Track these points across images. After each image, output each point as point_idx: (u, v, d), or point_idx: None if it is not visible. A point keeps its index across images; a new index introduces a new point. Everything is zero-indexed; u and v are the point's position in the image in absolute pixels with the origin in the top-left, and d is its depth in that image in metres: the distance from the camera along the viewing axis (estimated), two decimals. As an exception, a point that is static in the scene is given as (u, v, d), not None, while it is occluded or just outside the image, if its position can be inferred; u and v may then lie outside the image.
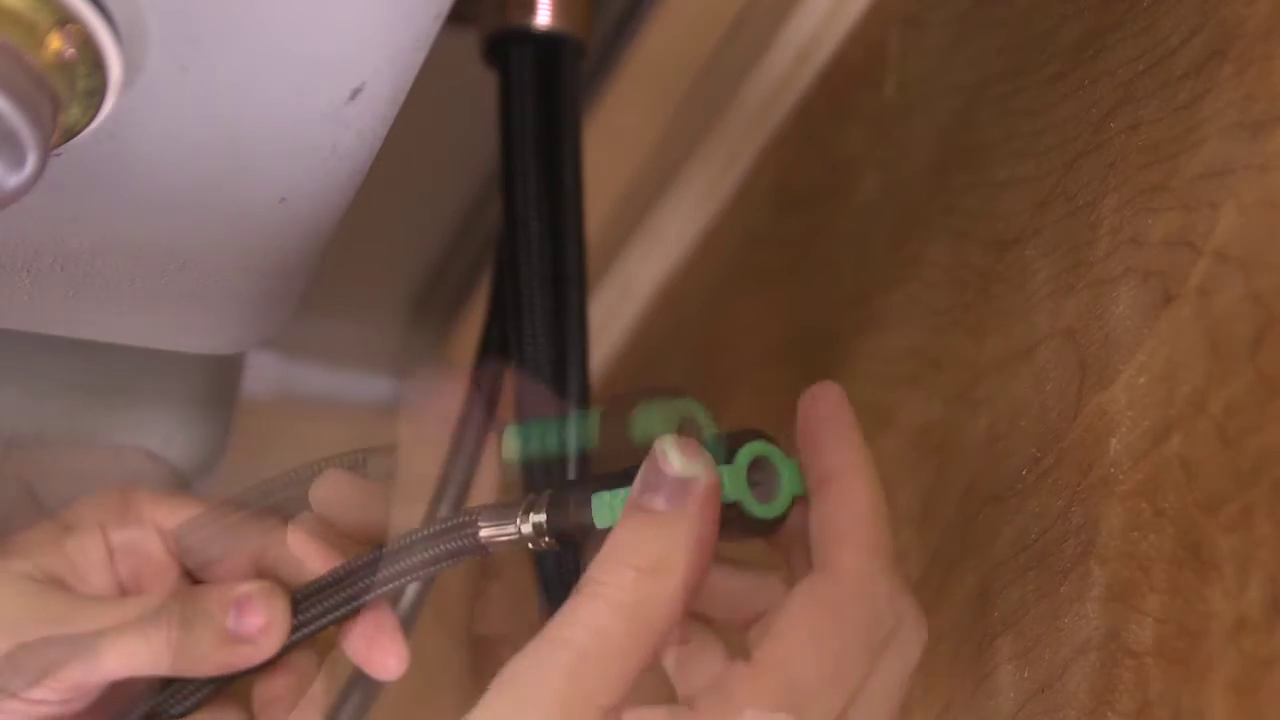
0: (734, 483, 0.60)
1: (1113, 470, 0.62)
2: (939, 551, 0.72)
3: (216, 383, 0.80)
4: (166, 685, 0.72)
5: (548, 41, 0.80)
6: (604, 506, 0.61)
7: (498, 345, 0.79)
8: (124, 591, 0.73)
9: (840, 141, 0.88)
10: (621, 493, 0.61)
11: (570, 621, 0.57)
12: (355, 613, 0.70)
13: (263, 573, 0.73)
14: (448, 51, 0.68)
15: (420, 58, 0.61)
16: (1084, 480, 0.63)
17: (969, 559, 0.70)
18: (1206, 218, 0.59)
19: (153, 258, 0.66)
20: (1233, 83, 0.59)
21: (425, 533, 0.66)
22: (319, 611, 0.71)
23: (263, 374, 1.14)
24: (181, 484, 0.78)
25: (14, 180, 0.56)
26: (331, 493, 0.66)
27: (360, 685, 0.71)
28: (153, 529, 0.73)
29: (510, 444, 0.71)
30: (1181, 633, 0.57)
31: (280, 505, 0.71)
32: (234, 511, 0.72)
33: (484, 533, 0.64)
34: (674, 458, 0.58)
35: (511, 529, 0.63)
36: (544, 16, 0.79)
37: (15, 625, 0.69)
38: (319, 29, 0.58)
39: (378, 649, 0.71)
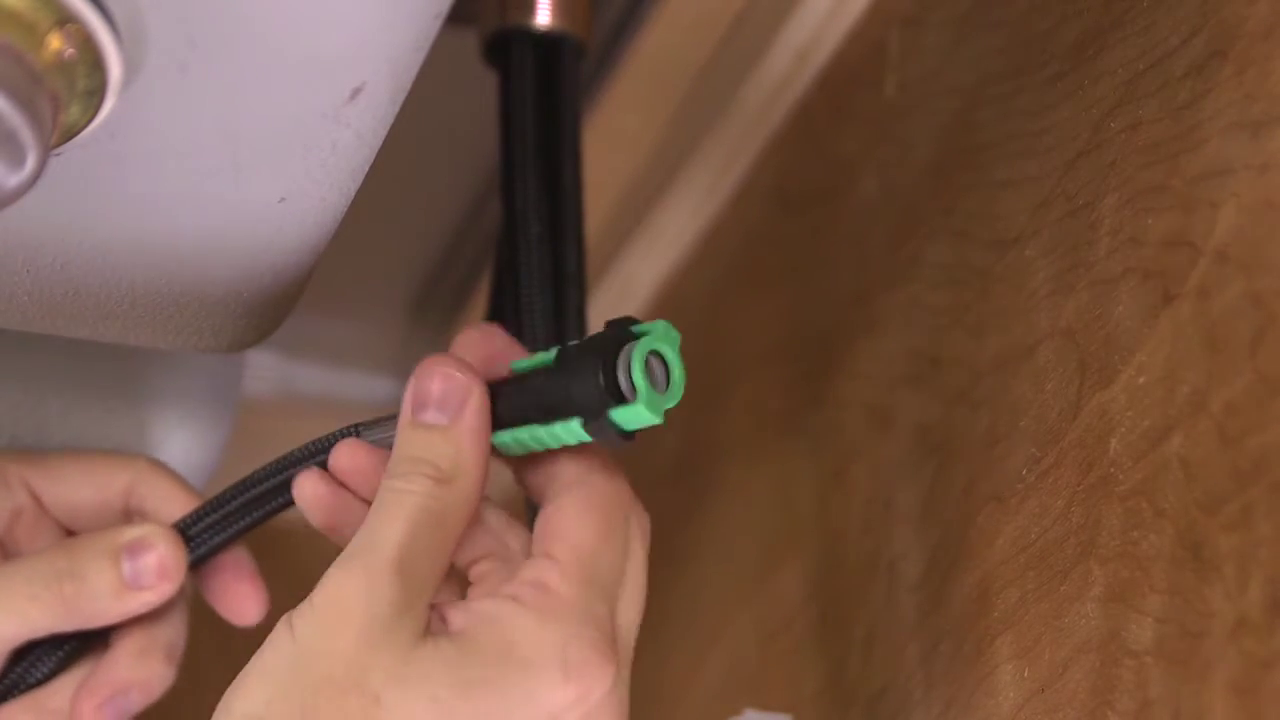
0: (651, 406, 0.62)
1: (1113, 470, 0.62)
2: (939, 551, 0.72)
3: (216, 383, 0.80)
4: (20, 655, 0.71)
5: (548, 41, 0.80)
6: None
7: (498, 345, 0.79)
8: (5, 554, 0.72)
9: (840, 141, 0.88)
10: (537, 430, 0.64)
11: (384, 524, 0.62)
12: (246, 533, 0.71)
13: (132, 512, 0.73)
14: (448, 51, 0.68)
15: (420, 58, 0.60)
16: (1084, 480, 0.63)
17: (969, 559, 0.70)
18: (1206, 218, 0.59)
19: (153, 258, 0.66)
20: (1233, 83, 0.59)
21: (305, 447, 0.68)
22: (210, 542, 0.71)
23: (263, 374, 1.14)
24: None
25: (14, 180, 0.56)
26: (348, 461, 0.66)
27: None
28: (19, 484, 0.73)
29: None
30: (1181, 633, 0.57)
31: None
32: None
33: (367, 437, 0.67)
34: (440, 373, 0.64)
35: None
36: (544, 16, 0.79)
37: None
38: (319, 29, 0.58)
39: (236, 595, 0.72)
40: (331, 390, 1.17)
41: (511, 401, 0.65)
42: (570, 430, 0.63)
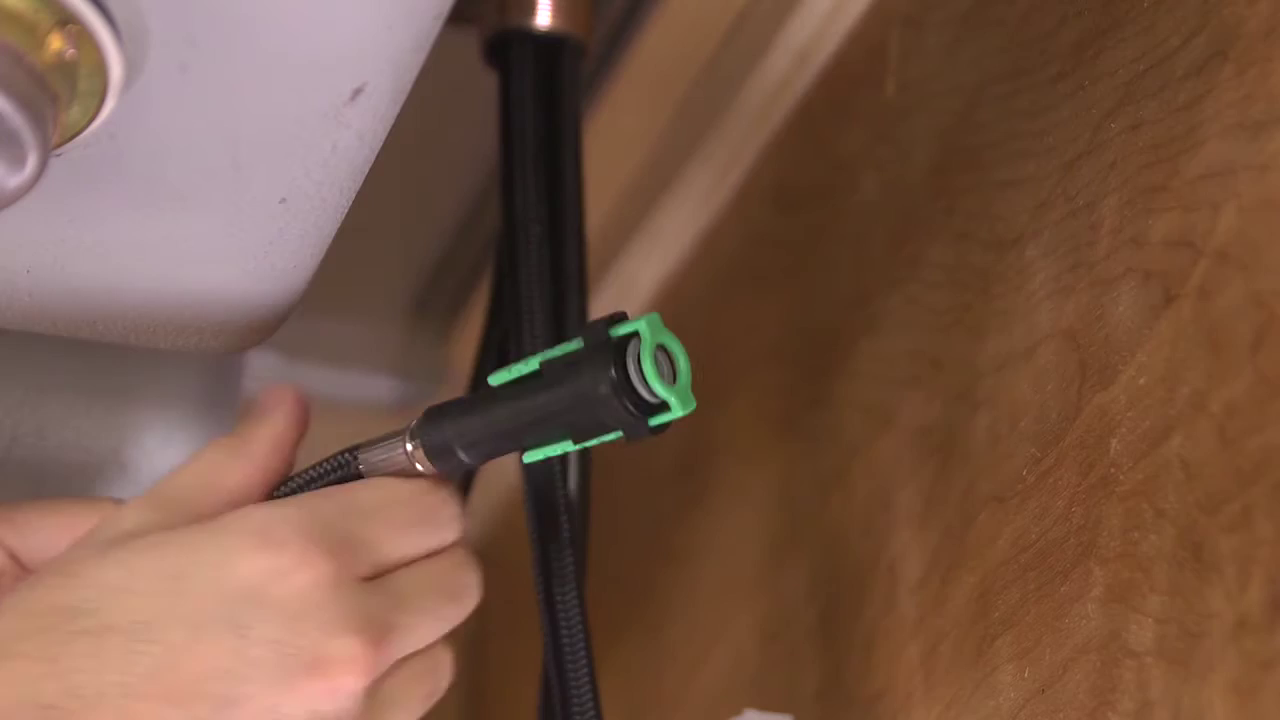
0: (683, 400, 0.64)
1: (1113, 470, 0.62)
2: (939, 551, 0.72)
3: (216, 383, 0.80)
4: None
5: (548, 42, 0.80)
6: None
7: (498, 345, 0.79)
8: None
9: (840, 141, 0.88)
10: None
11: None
12: None
13: None
14: (448, 51, 0.68)
15: (420, 58, 0.61)
16: (1084, 480, 0.64)
17: (969, 559, 0.70)
18: (1207, 218, 0.59)
19: (153, 258, 0.66)
20: (1233, 83, 0.59)
21: (308, 471, 0.68)
22: None
23: (263, 374, 1.14)
24: None
25: (14, 180, 0.56)
26: None
27: None
28: None
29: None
30: (1182, 633, 0.57)
31: None
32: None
33: (364, 459, 0.67)
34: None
35: (399, 453, 0.66)
36: (544, 17, 0.79)
37: None
38: (319, 29, 0.58)
39: None
40: (331, 390, 1.17)
41: (514, 415, 0.65)
42: (604, 438, 0.64)
